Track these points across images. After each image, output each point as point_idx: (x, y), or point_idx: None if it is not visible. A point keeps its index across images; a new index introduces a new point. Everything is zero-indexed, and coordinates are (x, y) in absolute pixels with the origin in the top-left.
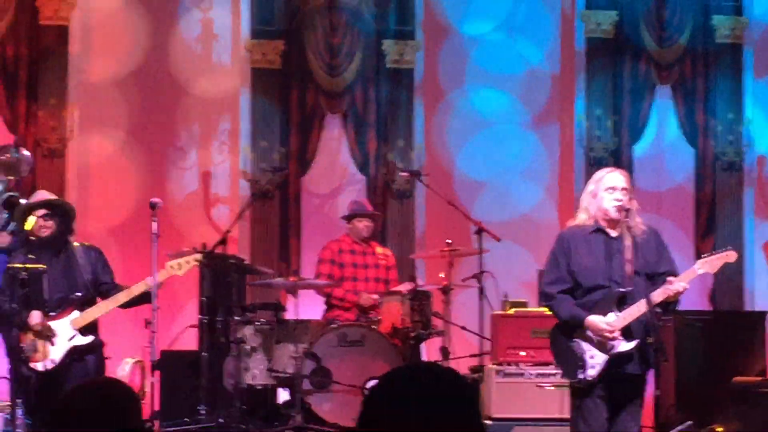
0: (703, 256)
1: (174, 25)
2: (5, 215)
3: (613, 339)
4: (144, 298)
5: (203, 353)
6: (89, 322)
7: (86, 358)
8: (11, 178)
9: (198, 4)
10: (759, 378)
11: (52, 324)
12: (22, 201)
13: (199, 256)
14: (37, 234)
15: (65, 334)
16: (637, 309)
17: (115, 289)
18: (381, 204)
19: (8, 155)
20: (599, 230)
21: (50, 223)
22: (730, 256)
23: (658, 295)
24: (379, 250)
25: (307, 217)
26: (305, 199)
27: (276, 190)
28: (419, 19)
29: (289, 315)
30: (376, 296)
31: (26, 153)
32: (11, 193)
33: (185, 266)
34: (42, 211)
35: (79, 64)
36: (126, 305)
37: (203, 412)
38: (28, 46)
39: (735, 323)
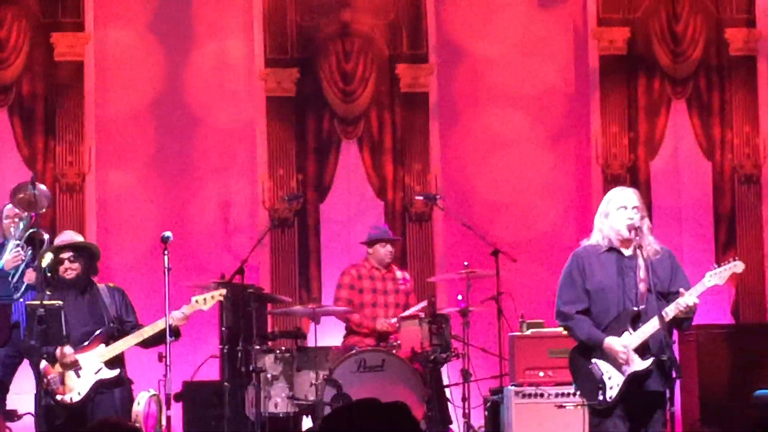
0: (711, 268)
1: (188, 56)
2: (29, 252)
3: (628, 362)
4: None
5: (225, 383)
6: (115, 355)
7: (113, 391)
8: (31, 213)
9: (212, 35)
10: None
11: (79, 357)
12: (46, 236)
13: (224, 291)
14: (62, 275)
15: (92, 367)
16: (651, 326)
17: (137, 328)
18: (400, 228)
19: (26, 192)
20: (612, 249)
21: (76, 265)
22: (738, 266)
23: (671, 311)
24: (398, 274)
25: (327, 243)
26: (324, 226)
27: (294, 218)
28: (432, 43)
29: (309, 342)
30: (393, 320)
31: (44, 188)
32: (34, 229)
33: (210, 301)
34: (69, 253)
35: (94, 98)
36: (149, 343)
37: None
38: (43, 82)
39: (758, 336)
